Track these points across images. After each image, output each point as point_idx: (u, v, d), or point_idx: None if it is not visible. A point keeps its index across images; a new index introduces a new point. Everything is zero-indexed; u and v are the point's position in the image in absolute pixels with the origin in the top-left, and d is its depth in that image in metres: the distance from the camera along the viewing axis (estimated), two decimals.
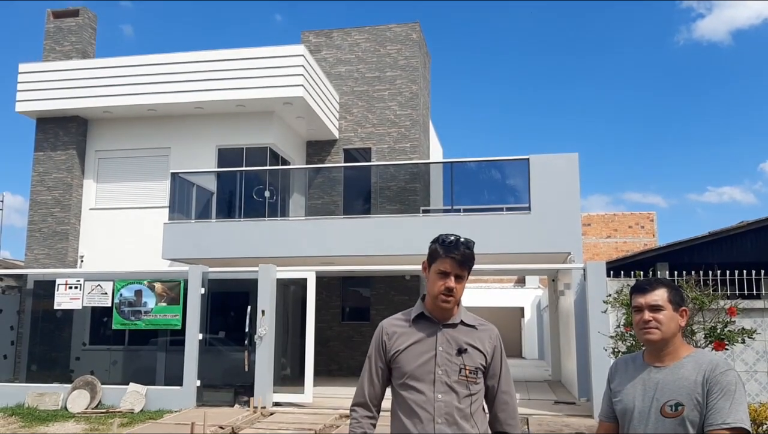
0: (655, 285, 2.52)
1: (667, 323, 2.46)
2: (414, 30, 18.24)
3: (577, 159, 12.71)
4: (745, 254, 13.60)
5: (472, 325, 2.65)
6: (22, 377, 12.72)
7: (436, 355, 2.57)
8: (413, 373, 2.59)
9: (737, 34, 71.27)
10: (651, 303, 2.48)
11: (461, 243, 2.62)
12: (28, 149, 56.08)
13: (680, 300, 2.51)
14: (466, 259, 2.61)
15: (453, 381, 2.54)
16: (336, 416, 10.45)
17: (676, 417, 2.36)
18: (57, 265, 15.33)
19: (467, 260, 2.61)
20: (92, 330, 12.90)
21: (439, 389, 2.54)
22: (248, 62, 15.11)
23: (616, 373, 2.66)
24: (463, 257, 2.60)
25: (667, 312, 2.47)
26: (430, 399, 2.54)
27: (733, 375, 2.36)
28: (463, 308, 2.70)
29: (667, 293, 2.49)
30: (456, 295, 2.61)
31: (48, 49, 16.81)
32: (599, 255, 30.51)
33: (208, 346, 11.91)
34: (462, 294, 2.64)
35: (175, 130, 16.02)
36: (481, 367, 2.60)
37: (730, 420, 2.28)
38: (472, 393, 2.56)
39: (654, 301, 2.48)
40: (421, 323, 2.68)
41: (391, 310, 16.76)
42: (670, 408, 2.38)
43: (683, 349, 2.50)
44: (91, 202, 16.17)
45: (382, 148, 17.70)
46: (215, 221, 14.36)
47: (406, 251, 12.51)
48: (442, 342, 2.59)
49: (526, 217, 12.52)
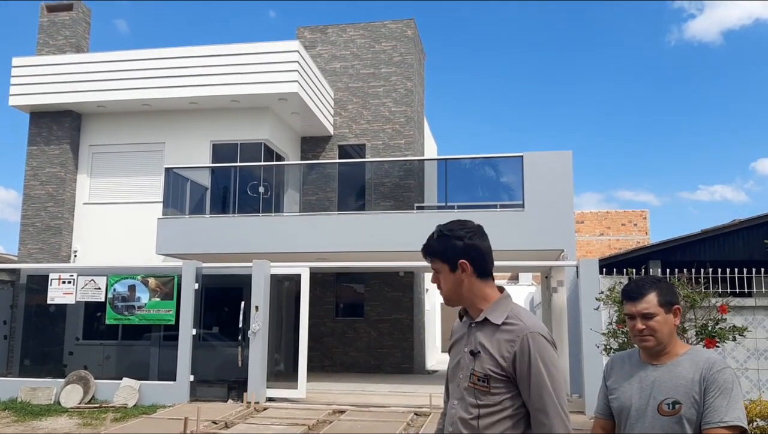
0: (645, 291, 2.49)
1: (661, 328, 2.46)
2: (409, 27, 18.24)
3: (571, 156, 12.77)
4: (737, 252, 13.66)
5: (497, 324, 2.27)
6: (15, 371, 12.69)
7: (463, 357, 2.37)
8: (449, 374, 2.48)
9: (728, 34, 71.62)
10: (642, 311, 2.47)
11: (429, 236, 2.41)
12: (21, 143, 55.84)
13: (671, 299, 2.49)
14: (426, 253, 2.41)
15: (463, 387, 2.31)
16: (329, 411, 10.47)
17: (674, 415, 2.37)
18: (50, 260, 15.29)
19: (427, 253, 2.40)
20: (85, 325, 12.87)
21: (455, 394, 2.36)
22: (243, 57, 15.09)
23: (612, 370, 2.65)
24: (424, 251, 2.42)
25: (659, 317, 2.46)
26: (450, 405, 2.41)
27: (730, 373, 2.36)
28: (499, 303, 2.32)
29: (656, 297, 2.47)
30: (443, 290, 2.38)
31: (42, 43, 16.73)
32: (592, 252, 30.63)
33: (201, 341, 11.92)
34: (449, 287, 2.36)
35: (169, 125, 15.98)
36: (495, 374, 2.21)
37: (728, 418, 2.29)
38: (480, 404, 2.24)
39: (645, 310, 2.47)
40: (464, 320, 2.46)
41: (385, 307, 16.84)
42: (668, 406, 2.38)
43: (679, 347, 2.50)
44: (85, 196, 16.13)
45: (377, 145, 17.71)
46: (209, 216, 14.34)
47: (400, 247, 12.53)
48: (468, 343, 2.35)
49: (519, 214, 12.56)
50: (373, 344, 17.28)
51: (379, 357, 17.20)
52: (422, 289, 19.11)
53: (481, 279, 2.34)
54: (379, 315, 17.33)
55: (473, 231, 2.37)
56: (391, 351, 17.19)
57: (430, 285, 22.10)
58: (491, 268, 2.39)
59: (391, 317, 17.27)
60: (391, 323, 17.26)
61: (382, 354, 17.20)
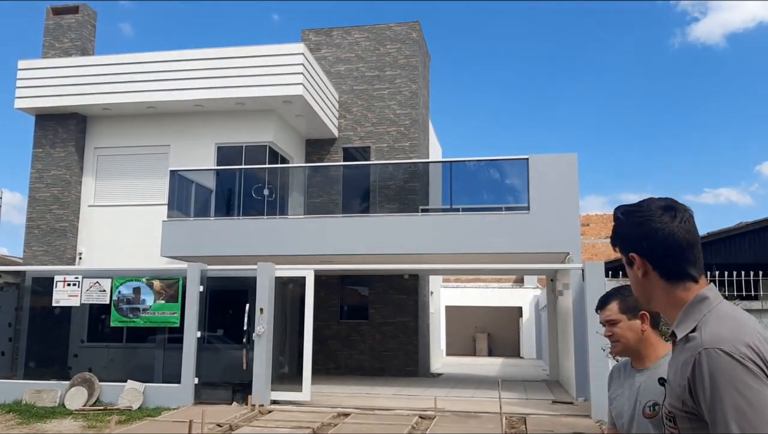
0: (608, 300, 2.60)
1: (624, 333, 2.54)
2: (414, 29, 18.23)
3: (576, 159, 12.73)
4: (744, 255, 13.60)
5: (680, 339, 1.62)
6: (20, 374, 12.70)
7: None
8: None
9: (732, 37, 71.35)
10: (606, 318, 2.58)
11: None
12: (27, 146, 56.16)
13: (634, 305, 2.54)
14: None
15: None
16: (334, 414, 10.44)
17: (654, 417, 2.38)
18: (55, 262, 15.31)
19: (613, 237, 1.85)
20: (90, 328, 12.88)
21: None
22: (248, 60, 15.10)
23: (611, 380, 2.72)
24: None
25: (622, 323, 2.54)
26: None
27: None
28: (688, 309, 1.62)
29: (617, 305, 2.56)
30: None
31: (47, 46, 16.78)
32: (598, 255, 30.51)
33: (206, 344, 11.91)
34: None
35: (174, 128, 16.00)
36: (677, 412, 1.57)
37: None
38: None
39: (607, 317, 2.58)
40: None
41: (390, 309, 16.82)
42: (649, 408, 2.40)
43: (661, 349, 2.53)
44: (90, 199, 16.15)
45: (382, 147, 17.69)
46: (214, 219, 14.35)
47: (404, 250, 12.50)
48: None
49: (524, 217, 12.52)
50: (377, 347, 17.25)
51: (384, 359, 17.17)
52: (427, 292, 19.07)
53: (669, 282, 1.66)
54: (384, 317, 17.30)
55: (657, 211, 1.71)
56: (396, 354, 17.15)
57: (435, 288, 22.05)
58: (688, 266, 1.66)
59: (396, 320, 17.23)
60: (396, 326, 17.22)
61: (387, 357, 17.16)
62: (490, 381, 15.58)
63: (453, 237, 12.56)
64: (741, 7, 66.28)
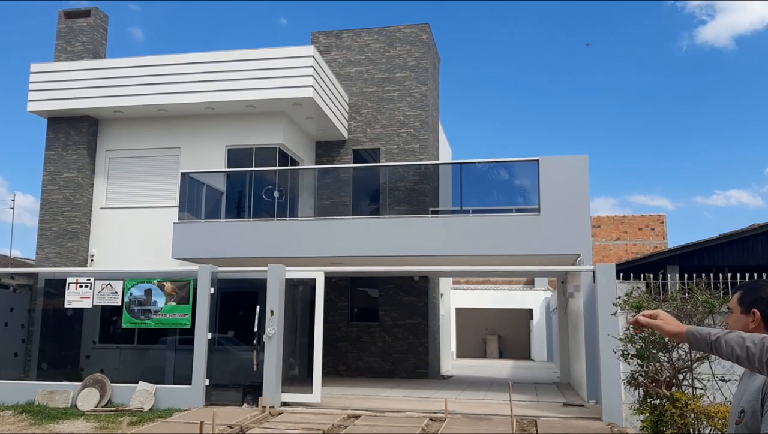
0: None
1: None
2: (424, 31, 18.23)
3: (587, 160, 12.68)
4: (757, 257, 13.51)
5: None
6: (33, 375, 12.79)
7: None
8: None
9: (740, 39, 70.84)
10: (728, 306, 2.61)
11: None
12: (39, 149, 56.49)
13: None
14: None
15: None
16: (344, 416, 10.45)
17: (740, 424, 2.34)
18: (67, 264, 15.42)
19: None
20: (102, 329, 12.96)
21: None
22: (258, 63, 15.15)
23: (740, 379, 2.62)
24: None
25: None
26: None
27: None
28: None
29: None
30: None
31: (59, 49, 16.91)
32: (609, 257, 30.39)
33: (217, 346, 11.95)
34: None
35: (185, 130, 16.09)
36: None
37: (765, 429, 2.21)
38: None
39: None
40: None
41: (400, 311, 16.83)
42: (738, 415, 2.36)
43: None
44: (102, 201, 16.26)
45: (391, 149, 17.70)
46: (225, 221, 14.40)
47: (414, 252, 12.50)
48: None
49: (535, 219, 12.49)
50: (387, 349, 17.25)
51: (394, 362, 17.16)
52: (437, 294, 19.05)
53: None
54: (394, 319, 17.30)
55: None
56: (406, 356, 17.14)
57: (445, 290, 22.03)
58: None
59: (406, 322, 17.22)
60: (406, 328, 17.22)
61: (397, 359, 17.16)
62: (500, 384, 15.54)
63: (463, 239, 12.54)
64: (749, 8, 65.85)
